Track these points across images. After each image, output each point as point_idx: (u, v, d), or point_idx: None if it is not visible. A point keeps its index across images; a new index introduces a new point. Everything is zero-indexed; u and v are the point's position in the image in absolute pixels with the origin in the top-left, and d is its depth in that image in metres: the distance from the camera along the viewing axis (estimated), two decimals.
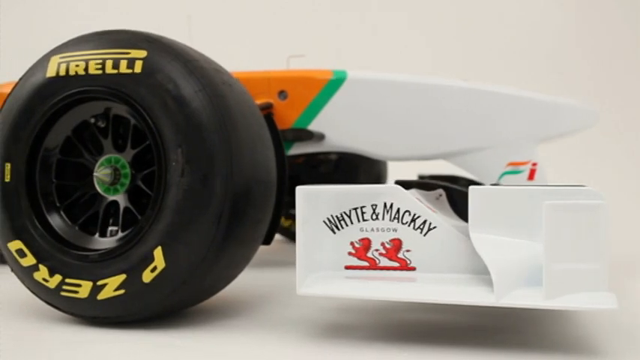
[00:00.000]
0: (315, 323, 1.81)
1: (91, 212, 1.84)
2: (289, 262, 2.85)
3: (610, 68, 5.93)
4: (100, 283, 1.70)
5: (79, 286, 1.72)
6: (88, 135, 1.86)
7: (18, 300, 2.04)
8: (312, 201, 1.62)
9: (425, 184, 2.14)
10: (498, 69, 5.65)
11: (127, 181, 1.80)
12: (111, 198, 1.82)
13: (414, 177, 3.51)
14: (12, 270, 1.85)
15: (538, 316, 1.87)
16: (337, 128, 2.44)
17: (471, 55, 5.81)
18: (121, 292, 1.68)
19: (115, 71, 1.72)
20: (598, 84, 5.76)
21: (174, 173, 1.65)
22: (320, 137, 2.43)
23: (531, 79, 5.27)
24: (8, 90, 2.70)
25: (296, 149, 2.45)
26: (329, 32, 5.65)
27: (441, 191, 2.10)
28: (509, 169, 2.33)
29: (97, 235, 1.82)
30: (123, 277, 1.68)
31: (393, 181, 2.91)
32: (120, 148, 1.83)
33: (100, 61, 1.73)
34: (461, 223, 1.93)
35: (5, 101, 1.86)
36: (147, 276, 1.66)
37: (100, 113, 1.83)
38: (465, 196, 1.99)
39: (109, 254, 1.71)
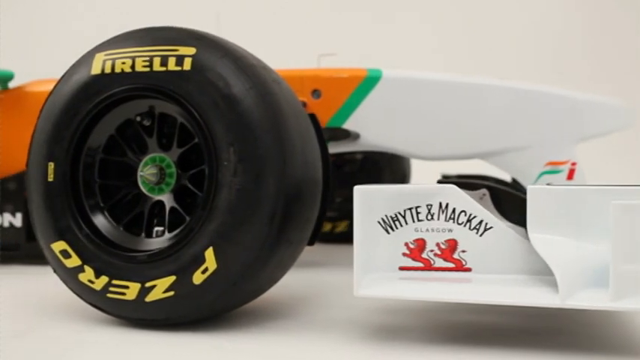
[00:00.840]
0: (365, 325, 1.78)
1: (136, 212, 1.81)
2: (321, 263, 2.84)
3: (612, 67, 5.93)
4: (148, 284, 1.66)
5: (126, 287, 1.69)
6: (131, 134, 1.83)
7: (60, 301, 2.01)
8: (369, 201, 1.60)
9: (468, 183, 2.11)
10: (508, 68, 5.64)
11: (173, 181, 1.77)
12: (156, 198, 1.79)
13: (437, 177, 3.49)
14: (55, 271, 1.81)
15: (592, 318, 1.84)
16: (373, 127, 2.41)
17: (485, 54, 5.80)
18: (171, 293, 1.65)
19: (163, 69, 1.68)
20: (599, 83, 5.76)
21: (226, 173, 1.61)
22: (355, 136, 2.40)
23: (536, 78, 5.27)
24: (47, 87, 2.72)
25: (331, 148, 2.42)
26: (356, 31, 5.66)
27: (484, 191, 2.07)
28: (548, 168, 2.30)
29: (142, 235, 1.78)
30: (172, 278, 1.65)
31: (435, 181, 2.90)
32: (164, 147, 1.79)
33: (148, 58, 1.70)
34: (507, 223, 1.90)
35: (47, 99, 1.83)
36: (197, 277, 1.63)
37: (145, 111, 1.79)
38: (510, 197, 1.97)
39: (158, 255, 1.67)
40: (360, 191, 1.58)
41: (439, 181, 3.15)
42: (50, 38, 6.07)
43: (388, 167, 3.38)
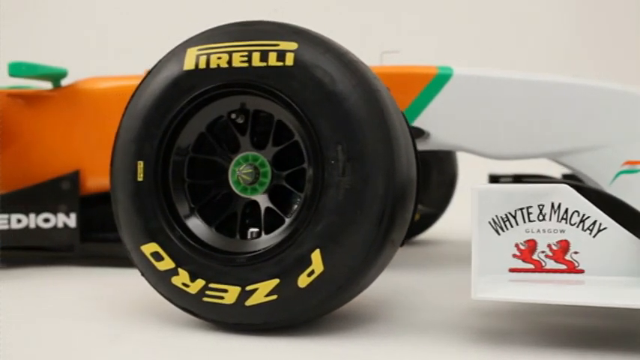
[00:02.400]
0: (467, 328, 1.73)
1: (228, 213, 1.74)
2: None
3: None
4: (249, 288, 1.60)
5: (224, 291, 1.63)
6: (222, 131, 1.76)
7: (147, 305, 1.95)
8: (484, 201, 1.54)
9: (545, 182, 2.07)
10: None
11: (267, 181, 1.70)
12: (249, 198, 1.73)
13: (484, 177, 3.44)
14: (142, 274, 1.74)
15: None
16: (443, 126, 2.35)
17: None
18: (273, 297, 1.59)
19: (263, 64, 1.62)
20: None
21: (334, 172, 1.55)
22: (426, 135, 2.35)
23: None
24: (103, 85, 2.65)
25: None
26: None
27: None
28: (626, 167, 2.25)
29: (237, 237, 1.72)
30: (276, 281, 1.58)
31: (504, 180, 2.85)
32: (257, 146, 1.73)
33: (246, 53, 1.64)
34: None
35: (132, 97, 1.76)
36: (303, 280, 1.57)
37: (237, 108, 1.73)
38: (595, 195, 1.92)
39: (259, 258, 1.61)
40: (477, 191, 1.53)
41: (491, 181, 3.10)
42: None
43: (436, 167, 3.33)
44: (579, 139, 2.35)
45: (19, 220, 2.58)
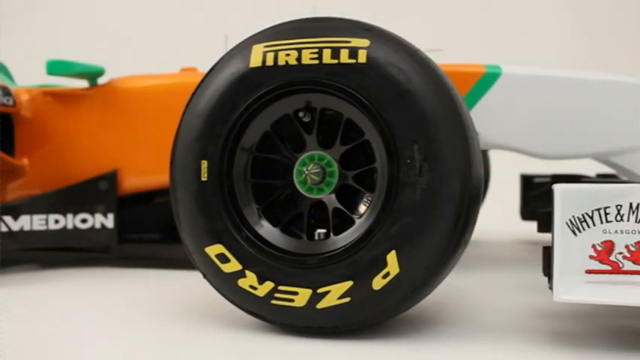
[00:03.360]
0: (528, 330, 1.70)
1: (294, 214, 1.71)
2: None
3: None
4: (321, 290, 1.57)
5: (295, 294, 1.59)
6: (287, 130, 1.72)
7: (205, 308, 1.92)
8: (567, 201, 1.51)
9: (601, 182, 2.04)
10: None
11: (334, 180, 1.66)
12: (315, 198, 1.69)
13: (515, 177, 3.42)
14: (205, 276, 1.70)
15: None
16: (492, 126, 2.32)
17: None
18: (346, 300, 1.55)
19: (335, 61, 1.58)
20: None
21: (410, 172, 1.52)
22: None
23: None
24: (141, 83, 2.61)
25: None
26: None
27: None
28: None
29: (304, 238, 1.68)
30: (349, 283, 1.55)
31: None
32: (324, 145, 1.69)
33: (316, 50, 1.60)
34: None
35: (193, 94, 1.72)
36: (377, 282, 1.53)
37: (303, 107, 1.69)
38: None
39: (331, 259, 1.57)
40: (560, 191, 1.50)
41: (525, 181, 3.05)
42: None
43: None
44: (630, 138, 2.33)
45: (56, 221, 2.54)
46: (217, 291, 1.69)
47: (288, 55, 1.62)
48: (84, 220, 2.56)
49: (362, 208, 1.70)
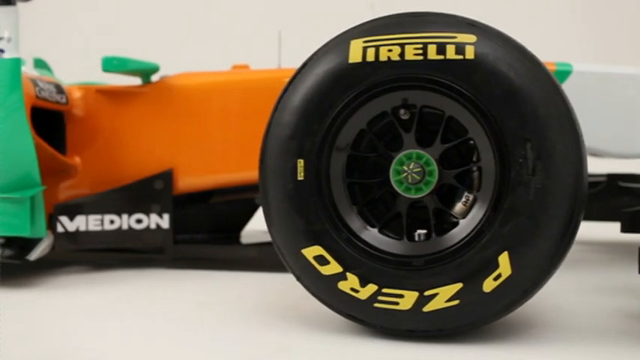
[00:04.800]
0: (622, 332, 1.66)
1: (392, 214, 1.66)
2: None
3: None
4: (428, 293, 1.52)
5: (400, 296, 1.54)
6: (383, 128, 1.67)
7: (293, 311, 1.87)
8: None
9: None
10: None
11: (434, 180, 1.62)
12: (414, 197, 1.64)
13: None
14: (299, 279, 1.65)
15: None
16: None
17: None
18: (455, 302, 1.51)
19: (441, 57, 1.54)
20: None
21: (522, 171, 1.48)
22: None
23: None
24: (196, 80, 2.55)
25: None
26: None
27: None
28: None
29: (405, 239, 1.63)
30: (459, 286, 1.51)
31: None
32: (422, 143, 1.65)
33: (421, 45, 1.55)
34: None
35: (285, 91, 1.67)
36: (488, 285, 1.49)
37: (401, 104, 1.64)
38: None
39: (439, 261, 1.53)
40: None
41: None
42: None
43: None
44: None
45: (111, 222, 2.48)
46: (312, 294, 1.64)
47: (390, 50, 1.57)
48: (139, 221, 2.50)
49: (457, 208, 1.66)
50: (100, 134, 2.55)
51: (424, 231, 1.63)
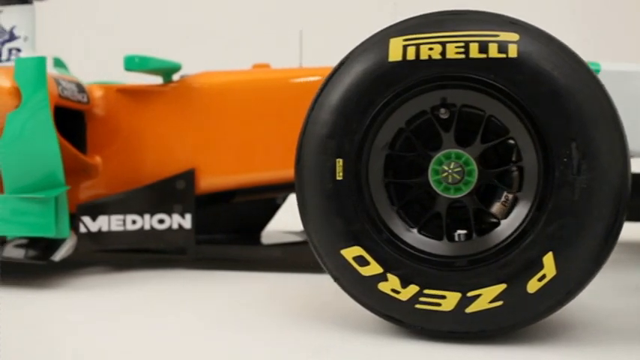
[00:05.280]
0: None
1: (431, 214, 1.64)
2: None
3: None
4: (471, 294, 1.51)
5: (442, 297, 1.53)
6: (421, 127, 1.66)
7: (327, 312, 1.86)
8: None
9: None
10: None
11: (473, 179, 1.60)
12: (453, 197, 1.62)
13: None
14: (336, 280, 1.63)
15: None
16: None
17: None
18: (498, 303, 1.50)
19: (483, 55, 1.52)
20: None
21: (567, 171, 1.46)
22: None
23: None
24: (218, 79, 2.52)
25: None
26: None
27: None
28: None
29: (444, 239, 1.62)
30: (502, 287, 1.49)
31: None
32: (461, 143, 1.63)
33: (462, 43, 1.54)
34: None
35: (322, 89, 1.65)
36: (532, 285, 1.48)
37: (441, 103, 1.62)
38: None
39: (482, 261, 1.52)
40: None
41: None
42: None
43: None
44: None
45: (134, 222, 2.45)
46: (350, 295, 1.62)
47: (431, 49, 1.56)
48: (161, 221, 2.47)
49: (495, 207, 1.65)
50: (120, 134, 2.53)
51: (464, 231, 1.62)
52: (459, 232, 1.62)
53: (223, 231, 2.73)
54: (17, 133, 2.17)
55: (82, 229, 2.41)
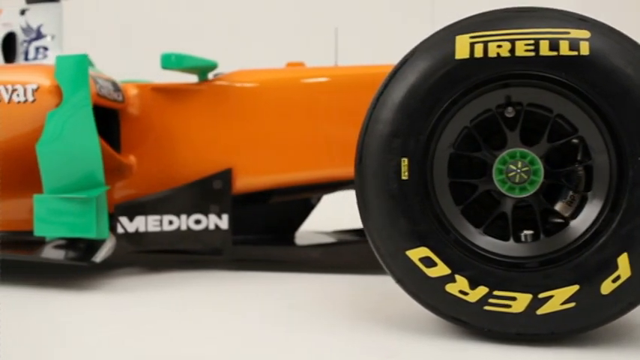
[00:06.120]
0: None
1: (497, 214, 1.62)
2: None
3: None
4: (542, 295, 1.48)
5: (512, 299, 1.50)
6: (485, 126, 1.63)
7: (385, 313, 1.83)
8: None
9: None
10: None
11: (539, 179, 1.58)
12: (518, 197, 1.59)
13: None
14: (399, 281, 1.61)
15: None
16: None
17: None
18: (570, 305, 1.47)
19: (554, 53, 1.50)
20: None
21: None
22: None
23: None
24: (255, 78, 2.49)
25: None
26: None
27: None
28: None
29: (511, 240, 1.59)
30: (575, 288, 1.47)
31: None
32: (527, 142, 1.61)
33: (532, 41, 1.51)
34: None
35: (386, 86, 1.62)
36: (606, 287, 1.46)
37: (506, 101, 1.60)
38: None
39: (553, 262, 1.50)
40: None
41: None
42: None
43: None
44: None
45: (170, 222, 2.42)
46: (415, 296, 1.59)
47: (499, 46, 1.53)
48: (198, 221, 2.44)
49: (559, 207, 1.63)
50: (155, 133, 2.49)
51: (531, 232, 1.59)
52: (526, 232, 1.59)
53: (257, 231, 2.70)
54: (57, 132, 2.13)
55: (120, 230, 2.37)
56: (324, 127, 2.45)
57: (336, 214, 3.10)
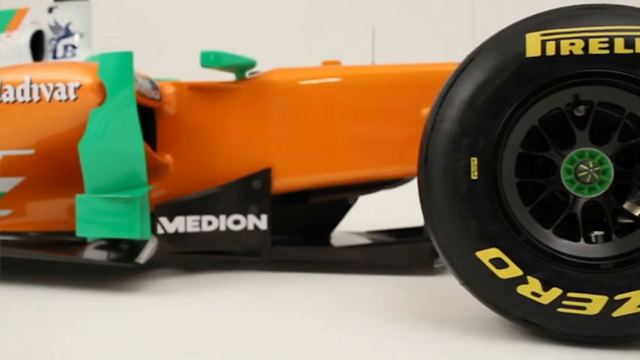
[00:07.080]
0: None
1: (566, 214, 1.59)
2: None
3: None
4: (618, 297, 1.46)
5: (587, 301, 1.48)
6: (553, 125, 1.61)
7: (450, 314, 1.80)
8: None
9: None
10: None
11: (609, 179, 1.55)
12: (587, 198, 1.57)
13: None
14: (466, 283, 1.58)
15: None
16: None
17: None
18: None
19: (629, 51, 1.48)
20: None
21: None
22: None
23: None
24: (293, 77, 2.46)
25: None
26: None
27: None
28: None
29: (581, 240, 1.57)
30: None
31: None
32: (596, 141, 1.58)
33: (606, 39, 1.49)
34: None
35: (452, 84, 1.59)
36: None
37: (574, 100, 1.57)
38: None
39: (628, 263, 1.47)
40: None
41: None
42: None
43: None
44: None
45: (209, 222, 2.38)
46: (483, 298, 1.56)
47: (572, 44, 1.51)
48: (236, 222, 2.40)
49: (627, 207, 1.61)
50: (192, 132, 2.45)
51: (601, 232, 1.57)
52: (596, 233, 1.57)
53: (293, 232, 2.66)
54: (101, 130, 2.09)
55: (159, 230, 2.33)
56: (364, 126, 2.42)
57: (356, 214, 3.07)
